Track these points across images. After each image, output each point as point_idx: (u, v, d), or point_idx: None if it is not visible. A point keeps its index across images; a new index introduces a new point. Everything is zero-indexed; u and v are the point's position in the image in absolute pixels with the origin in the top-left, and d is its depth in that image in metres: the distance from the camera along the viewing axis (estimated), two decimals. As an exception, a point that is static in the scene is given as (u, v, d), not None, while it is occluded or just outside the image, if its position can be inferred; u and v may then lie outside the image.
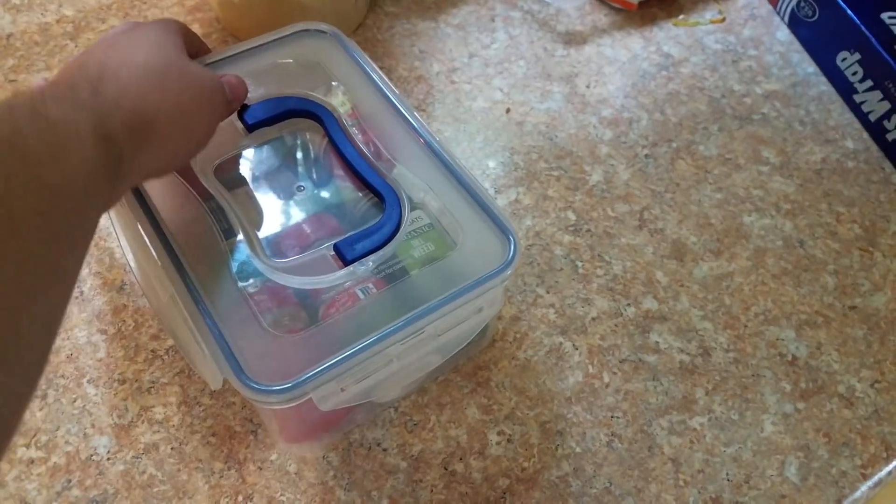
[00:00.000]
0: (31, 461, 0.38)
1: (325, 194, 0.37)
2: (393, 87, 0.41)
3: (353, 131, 0.39)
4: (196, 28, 0.58)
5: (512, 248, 0.34)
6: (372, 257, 0.34)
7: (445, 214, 0.36)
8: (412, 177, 0.37)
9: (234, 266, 0.33)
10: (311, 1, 0.53)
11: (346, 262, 0.34)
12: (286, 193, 0.37)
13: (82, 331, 0.43)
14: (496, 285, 0.33)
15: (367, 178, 0.36)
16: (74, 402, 0.40)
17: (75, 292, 0.44)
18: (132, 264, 0.41)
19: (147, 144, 0.28)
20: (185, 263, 0.32)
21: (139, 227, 0.34)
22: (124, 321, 0.43)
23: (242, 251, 0.34)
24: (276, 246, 0.35)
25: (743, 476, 0.41)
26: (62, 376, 0.41)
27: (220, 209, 0.35)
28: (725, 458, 0.42)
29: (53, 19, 0.58)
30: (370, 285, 0.33)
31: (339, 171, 0.38)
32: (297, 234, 0.36)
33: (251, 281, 0.33)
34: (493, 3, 0.63)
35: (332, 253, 0.34)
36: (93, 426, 0.40)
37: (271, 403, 0.30)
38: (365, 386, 0.33)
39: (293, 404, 0.30)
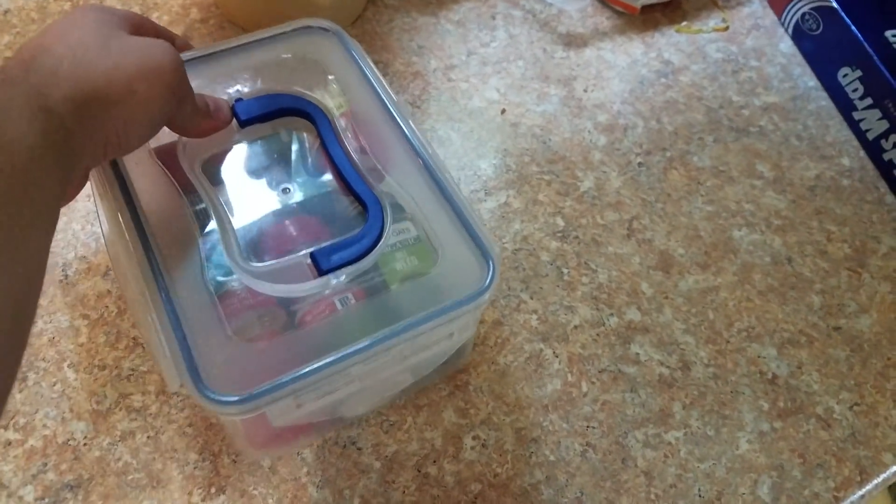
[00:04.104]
0: (9, 443, 0.39)
1: (312, 197, 0.37)
2: (390, 92, 0.40)
3: (346, 135, 0.38)
4: (194, 13, 0.58)
5: (490, 272, 0.33)
6: (347, 269, 0.33)
7: (430, 229, 0.35)
8: (399, 188, 0.36)
9: (208, 267, 0.33)
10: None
11: (321, 273, 0.33)
12: (273, 193, 0.37)
13: (65, 315, 0.43)
14: (470, 311, 0.32)
15: (353, 186, 0.36)
16: (54, 385, 0.41)
17: (59, 275, 0.44)
18: (110, 252, 0.41)
19: (93, 115, 0.27)
20: (160, 259, 0.32)
21: (119, 216, 0.34)
22: (107, 307, 0.43)
23: (219, 252, 0.33)
24: (256, 247, 0.35)
25: (715, 493, 0.41)
26: (43, 359, 0.41)
27: (203, 205, 0.35)
28: (699, 473, 0.42)
29: (51, -4, 0.58)
30: (349, 296, 0.33)
31: (328, 175, 0.38)
32: (278, 236, 0.35)
33: (223, 283, 0.32)
34: (495, 0, 0.63)
35: (309, 261, 0.34)
36: (71, 411, 0.40)
37: (226, 415, 0.29)
38: (324, 403, 0.32)
39: (248, 416, 0.29)
